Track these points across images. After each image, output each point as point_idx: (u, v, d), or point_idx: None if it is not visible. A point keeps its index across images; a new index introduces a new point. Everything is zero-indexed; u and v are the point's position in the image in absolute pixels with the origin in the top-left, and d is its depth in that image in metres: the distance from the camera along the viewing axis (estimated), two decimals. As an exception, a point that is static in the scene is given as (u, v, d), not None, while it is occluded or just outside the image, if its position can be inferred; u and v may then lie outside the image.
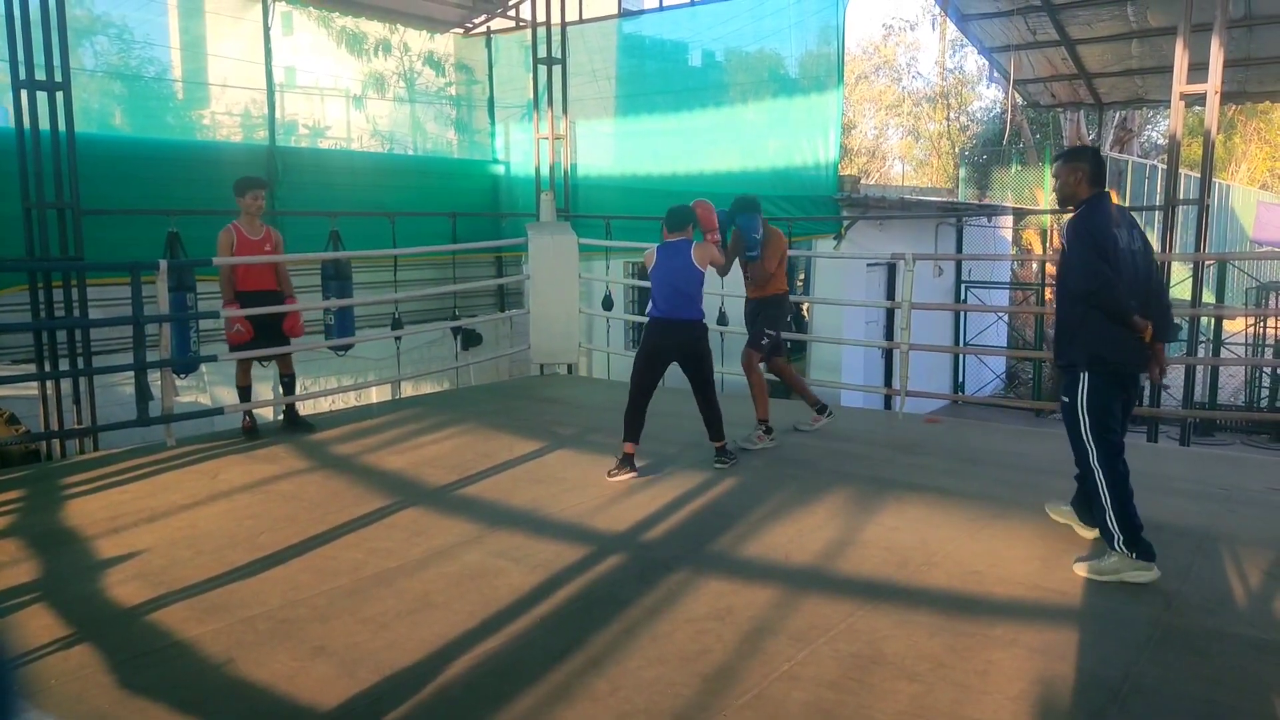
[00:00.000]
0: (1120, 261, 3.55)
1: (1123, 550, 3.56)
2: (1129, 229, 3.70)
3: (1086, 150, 3.86)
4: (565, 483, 5.04)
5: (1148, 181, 18.01)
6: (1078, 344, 3.64)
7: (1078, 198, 3.72)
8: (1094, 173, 3.71)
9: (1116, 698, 2.75)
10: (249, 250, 6.06)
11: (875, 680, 2.84)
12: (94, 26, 9.47)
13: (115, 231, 7.62)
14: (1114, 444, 3.64)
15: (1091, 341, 3.60)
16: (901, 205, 13.58)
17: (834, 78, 10.24)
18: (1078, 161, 3.74)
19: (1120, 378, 3.65)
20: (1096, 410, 3.62)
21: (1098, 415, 3.62)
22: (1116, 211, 3.71)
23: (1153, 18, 11.15)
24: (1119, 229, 3.62)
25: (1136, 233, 3.73)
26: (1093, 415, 3.63)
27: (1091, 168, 3.71)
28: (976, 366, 16.35)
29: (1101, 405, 3.61)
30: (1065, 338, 3.72)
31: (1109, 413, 3.62)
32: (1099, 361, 3.60)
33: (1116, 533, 3.56)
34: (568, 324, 8.26)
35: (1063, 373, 3.78)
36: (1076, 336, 3.64)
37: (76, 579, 3.75)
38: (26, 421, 6.97)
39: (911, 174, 30.34)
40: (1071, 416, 3.69)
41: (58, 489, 5.10)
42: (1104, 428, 3.62)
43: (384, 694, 2.79)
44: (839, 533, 4.19)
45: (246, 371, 6.33)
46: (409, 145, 12.82)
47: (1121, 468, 3.62)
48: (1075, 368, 3.66)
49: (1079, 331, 3.63)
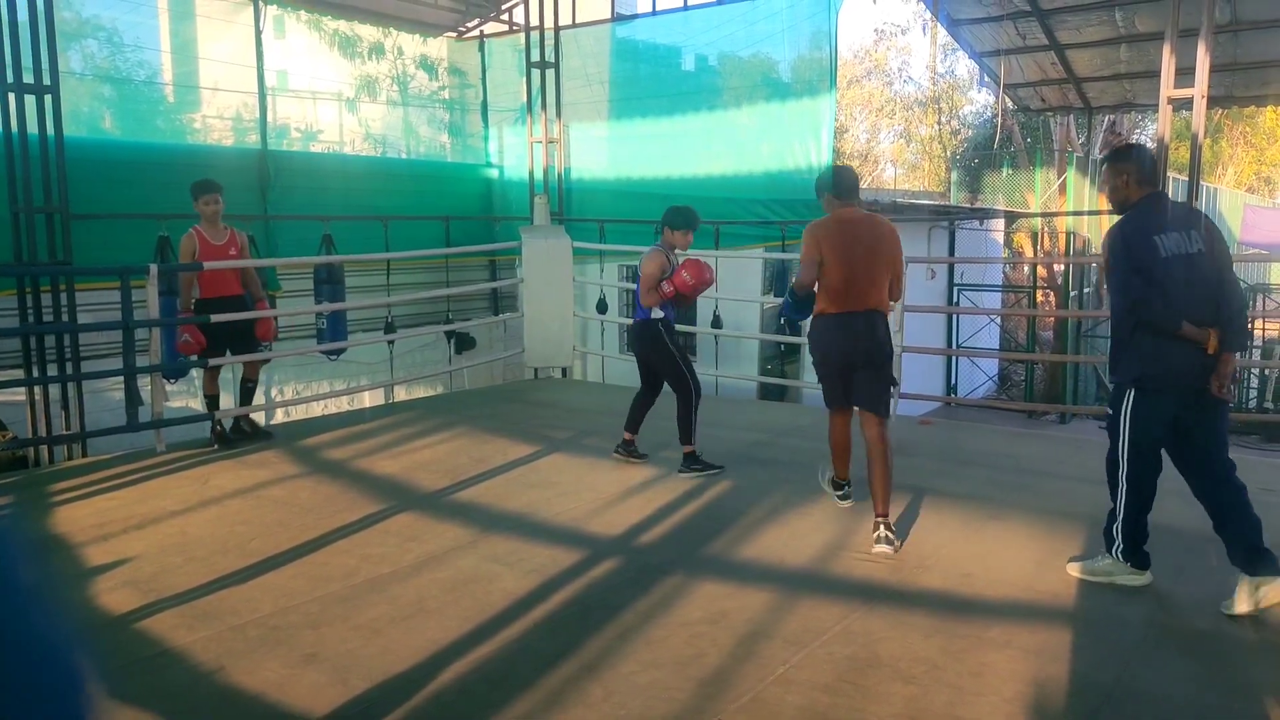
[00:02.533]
0: (1162, 270, 3.29)
1: (1118, 558, 3.54)
2: (1185, 230, 3.38)
3: (1133, 149, 3.60)
4: (559, 487, 5.02)
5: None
6: (1125, 361, 3.45)
7: (1129, 202, 3.46)
8: (1143, 173, 3.45)
9: (1110, 699, 2.75)
10: (214, 255, 5.85)
11: (870, 683, 2.84)
12: (83, 29, 9.41)
13: (105, 236, 7.57)
14: (1148, 464, 3.47)
15: (1137, 358, 3.40)
16: (894, 208, 13.62)
17: (826, 82, 10.26)
18: (1123, 163, 3.49)
19: (1171, 395, 3.39)
20: (1137, 428, 3.43)
21: (1138, 434, 3.43)
22: (1173, 211, 3.46)
23: (1140, 23, 11.22)
24: (1165, 233, 3.34)
25: (1197, 233, 3.39)
26: (1133, 433, 3.44)
27: (1139, 167, 3.46)
28: (969, 369, 16.39)
29: (1143, 424, 3.42)
30: (1115, 354, 3.51)
31: (1149, 432, 3.43)
32: (1147, 379, 3.40)
33: (1119, 541, 3.52)
34: (562, 328, 8.26)
35: (1112, 388, 3.59)
36: (1125, 354, 3.45)
37: (65, 586, 3.71)
38: (14, 427, 6.92)
39: (903, 177, 30.44)
40: (1113, 430, 3.52)
41: (46, 495, 5.06)
42: (1141, 446, 3.44)
43: (376, 701, 2.77)
44: (833, 535, 4.18)
45: (214, 380, 6.21)
46: (402, 149, 12.79)
47: (1147, 488, 3.49)
48: (1122, 386, 3.48)
49: (1125, 349, 3.44)
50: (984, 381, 17.01)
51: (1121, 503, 3.52)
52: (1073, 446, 6.47)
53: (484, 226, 12.12)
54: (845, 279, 4.12)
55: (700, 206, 5.64)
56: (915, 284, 10.76)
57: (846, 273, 4.12)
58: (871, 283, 4.16)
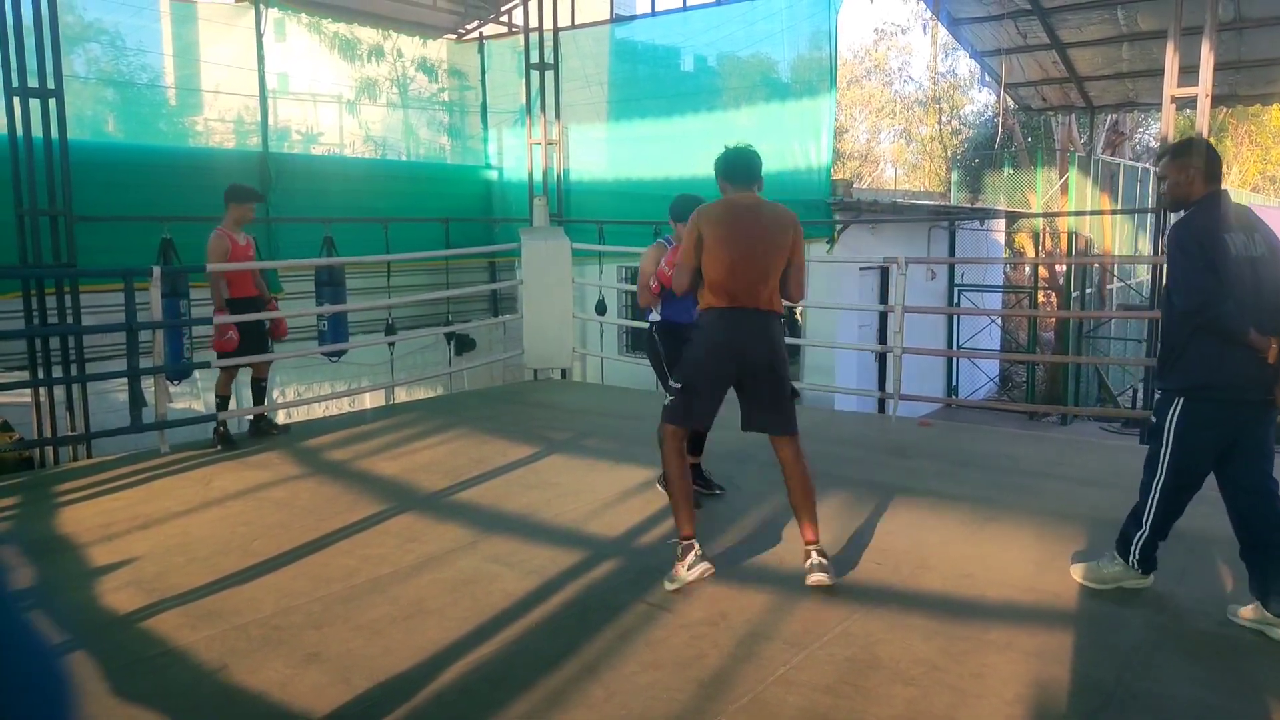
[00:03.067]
0: (1233, 271, 3.10)
1: (1133, 566, 3.47)
2: (1248, 232, 3.22)
3: (1199, 143, 3.39)
4: (559, 488, 5.03)
5: (1139, 184, 18.08)
6: (1179, 368, 3.23)
7: (1190, 199, 3.26)
8: (1209, 168, 3.25)
9: (1111, 701, 2.76)
10: (240, 257, 6.09)
11: (870, 685, 2.85)
12: (86, 33, 9.44)
13: (108, 238, 7.60)
14: (1188, 478, 3.29)
15: (1196, 366, 3.18)
16: (894, 209, 13.62)
17: (826, 82, 10.28)
18: (1189, 157, 3.27)
19: (1228, 406, 3.19)
20: (1184, 440, 3.24)
21: (1184, 446, 3.24)
22: (1235, 212, 3.27)
23: (1143, 21, 11.22)
24: (1233, 233, 3.17)
25: (1259, 236, 3.25)
26: (1178, 444, 3.24)
27: (1206, 163, 3.25)
28: (970, 370, 16.39)
29: (1191, 436, 3.23)
30: (1168, 359, 3.30)
31: (1195, 446, 3.24)
32: (1202, 389, 3.19)
33: (1136, 553, 3.45)
34: (561, 329, 8.27)
35: (1160, 393, 3.38)
36: (1180, 359, 3.23)
37: (69, 586, 3.73)
38: (20, 429, 6.95)
39: (904, 178, 30.45)
40: (1156, 440, 3.33)
41: (51, 496, 5.08)
42: (1183, 459, 3.26)
43: (377, 701, 2.78)
44: (832, 537, 4.19)
45: (230, 381, 6.29)
46: (402, 151, 12.82)
47: (1180, 501, 3.35)
48: (1171, 393, 3.27)
49: (1183, 354, 3.21)
50: (985, 383, 17.00)
51: (1150, 514, 3.36)
52: (1073, 448, 6.48)
53: (483, 228, 12.15)
54: (729, 269, 3.57)
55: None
56: (915, 285, 10.78)
57: (730, 262, 3.57)
58: (762, 277, 3.59)
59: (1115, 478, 5.00)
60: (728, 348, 3.60)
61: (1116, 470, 5.20)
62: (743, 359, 3.59)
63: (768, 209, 3.69)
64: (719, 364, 3.62)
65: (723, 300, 3.60)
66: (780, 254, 3.62)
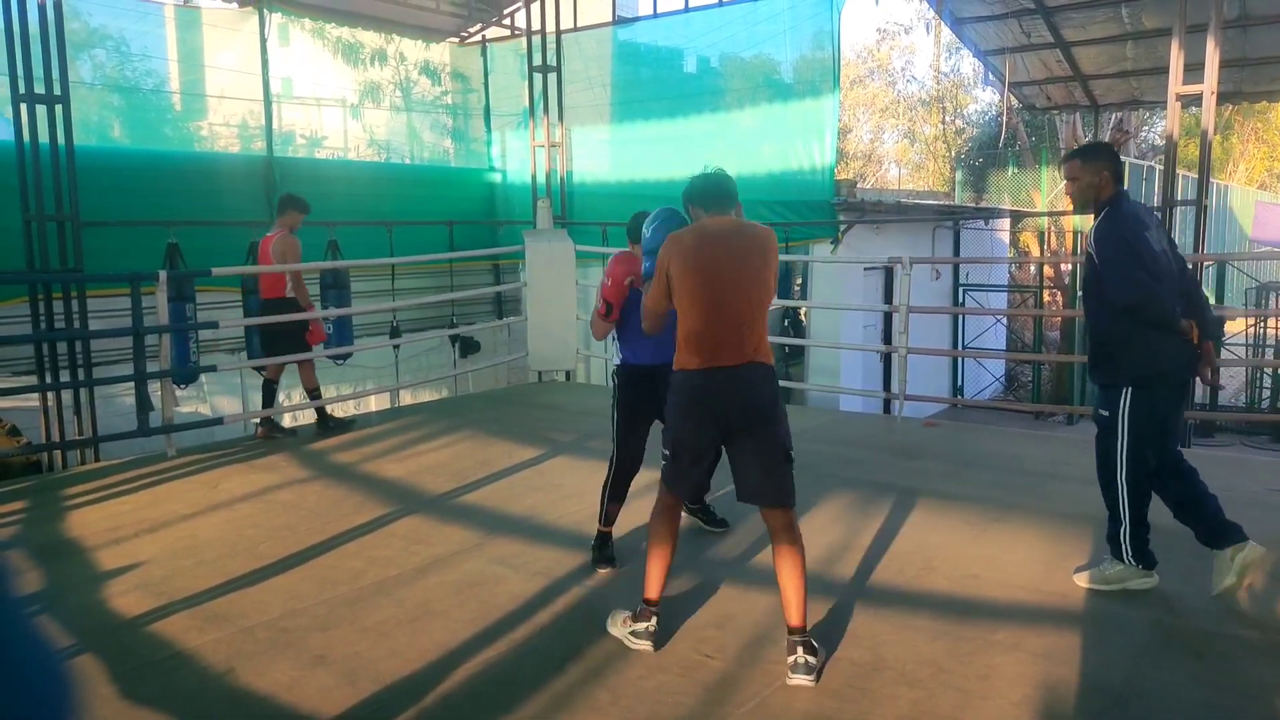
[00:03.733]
0: (1161, 265, 3.35)
1: (1130, 563, 3.51)
2: (1157, 227, 3.50)
3: (1106, 146, 3.62)
4: (563, 489, 5.04)
5: (1145, 183, 18.04)
6: (1123, 361, 3.40)
7: (1100, 199, 3.46)
8: (1116, 170, 3.46)
9: (1119, 702, 2.75)
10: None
11: (876, 686, 2.84)
12: (92, 39, 9.49)
13: (115, 243, 7.64)
14: (1146, 462, 3.44)
15: (1139, 357, 3.36)
16: (898, 209, 13.61)
17: (829, 82, 10.28)
18: (1100, 160, 3.47)
19: (1167, 389, 3.43)
20: (1136, 427, 3.40)
21: (1136, 433, 3.40)
22: (1143, 210, 3.52)
23: (1147, 19, 11.19)
24: (1149, 230, 3.41)
25: (1163, 230, 3.55)
26: (1131, 433, 3.40)
27: (1114, 164, 3.47)
28: (975, 369, 16.36)
29: (1142, 422, 3.39)
30: (1104, 354, 3.46)
31: (1148, 430, 3.41)
32: (1154, 377, 3.38)
33: (1128, 547, 3.49)
34: (565, 331, 8.27)
35: (1100, 387, 3.52)
36: (1120, 353, 3.39)
37: (78, 590, 3.75)
38: (28, 433, 6.97)
39: (908, 177, 30.39)
40: (1110, 432, 3.47)
41: (59, 500, 5.10)
42: (1140, 445, 3.41)
43: (384, 703, 2.79)
44: (838, 538, 4.19)
45: (313, 372, 6.64)
46: (406, 154, 12.85)
47: (1145, 485, 3.48)
48: (1118, 385, 3.43)
49: (1124, 347, 3.38)
50: (991, 382, 16.97)
51: (1125, 506, 3.47)
52: (1080, 448, 6.44)
53: (487, 231, 12.17)
54: (706, 317, 2.96)
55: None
56: (920, 285, 10.77)
57: (707, 308, 2.95)
58: (748, 321, 2.98)
59: (1121, 477, 4.98)
60: (710, 417, 3.00)
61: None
62: (728, 424, 3.00)
63: (747, 231, 3.08)
64: (699, 438, 3.05)
65: (701, 357, 2.97)
66: (767, 289, 3.04)
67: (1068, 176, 3.57)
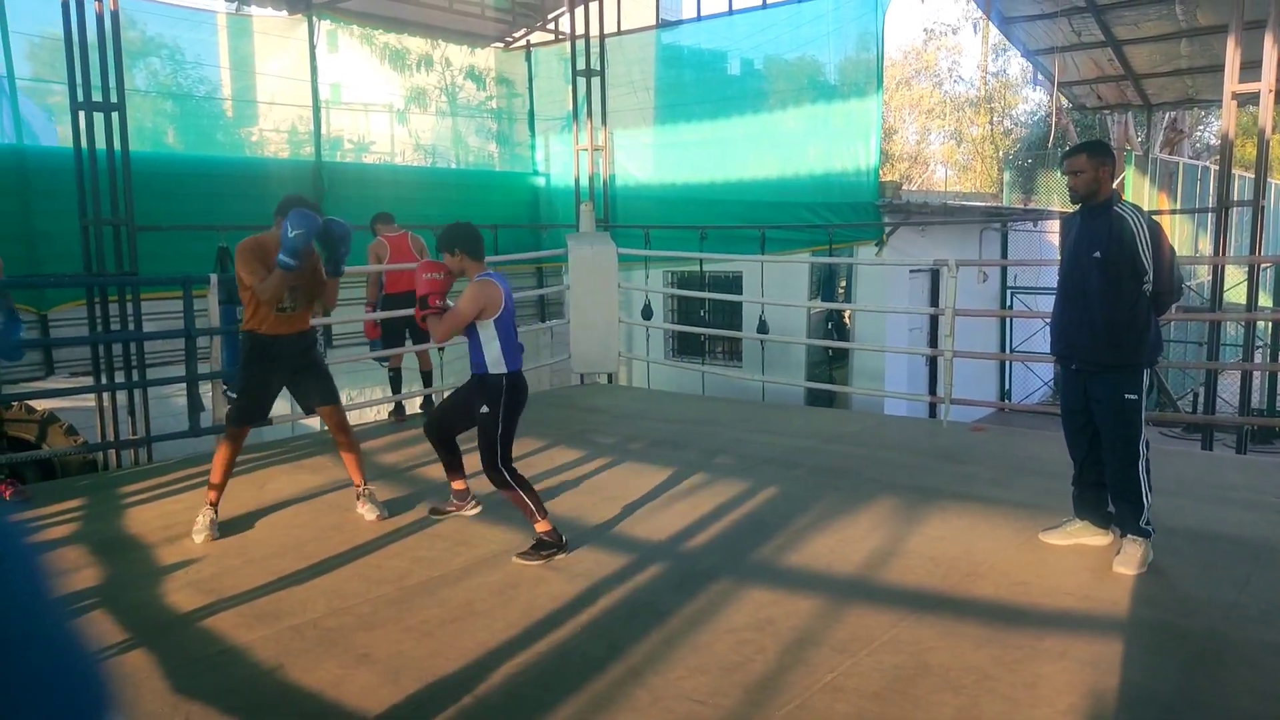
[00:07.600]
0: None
1: (1147, 528, 3.67)
2: None
3: (1108, 145, 3.88)
4: (605, 491, 5.05)
5: (1199, 184, 17.58)
6: (1146, 342, 3.67)
7: (1100, 194, 3.66)
8: (1114, 170, 3.72)
9: (1170, 712, 2.68)
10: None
11: (920, 692, 2.81)
12: (147, 48, 9.75)
13: (168, 247, 7.83)
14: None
15: (1156, 340, 3.72)
16: (944, 210, 13.42)
17: (874, 83, 10.19)
18: (1105, 156, 3.68)
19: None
20: (1145, 405, 3.75)
21: (1144, 411, 3.76)
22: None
23: (1202, 16, 10.92)
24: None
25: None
26: (1144, 410, 3.74)
27: (1114, 165, 3.71)
28: (1023, 373, 16.06)
29: (1146, 399, 3.76)
30: (1130, 337, 3.67)
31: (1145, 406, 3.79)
32: (1158, 358, 3.76)
33: (1147, 513, 3.69)
34: (607, 334, 8.29)
35: (1114, 370, 3.71)
36: (1145, 335, 3.66)
37: (133, 586, 3.84)
38: (84, 433, 7.18)
39: (954, 179, 29.97)
40: (1135, 413, 3.70)
41: (114, 498, 5.24)
42: (1143, 420, 3.77)
43: (426, 701, 2.82)
44: (882, 543, 4.14)
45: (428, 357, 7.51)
46: (451, 159, 13.00)
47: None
48: (1139, 365, 3.69)
49: (1146, 330, 3.66)
50: (1040, 387, 16.64)
51: (1144, 476, 3.69)
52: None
53: (531, 234, 12.25)
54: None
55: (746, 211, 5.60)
56: (966, 287, 10.60)
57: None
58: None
59: (1176, 484, 4.86)
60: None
61: (1178, 477, 5.05)
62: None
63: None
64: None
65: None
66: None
67: (1073, 170, 3.67)
